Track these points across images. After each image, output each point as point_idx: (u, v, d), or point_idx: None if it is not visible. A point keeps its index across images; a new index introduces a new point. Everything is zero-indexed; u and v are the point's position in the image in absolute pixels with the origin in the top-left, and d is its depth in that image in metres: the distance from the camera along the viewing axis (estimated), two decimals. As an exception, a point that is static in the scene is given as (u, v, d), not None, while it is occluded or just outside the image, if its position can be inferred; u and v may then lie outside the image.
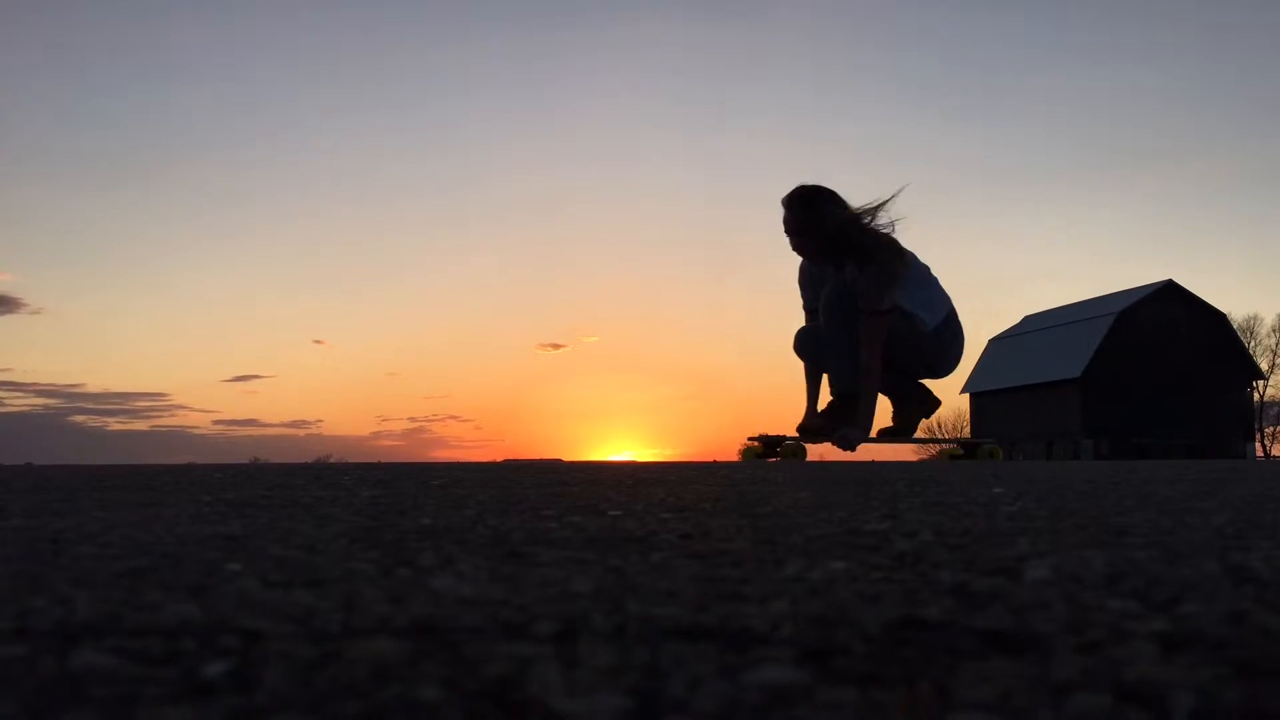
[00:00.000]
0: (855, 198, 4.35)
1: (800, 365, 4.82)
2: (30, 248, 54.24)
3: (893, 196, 4.32)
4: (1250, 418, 36.16)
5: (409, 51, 57.87)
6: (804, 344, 4.75)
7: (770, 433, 5.31)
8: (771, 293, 56.44)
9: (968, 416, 40.70)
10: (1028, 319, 40.19)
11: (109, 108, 55.04)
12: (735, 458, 5.91)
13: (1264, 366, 39.01)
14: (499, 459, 5.47)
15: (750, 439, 5.43)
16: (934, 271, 4.53)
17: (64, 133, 54.89)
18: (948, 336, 4.62)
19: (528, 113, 57.52)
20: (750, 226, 55.32)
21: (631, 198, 58.02)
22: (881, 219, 4.31)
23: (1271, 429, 40.48)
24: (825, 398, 4.75)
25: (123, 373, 54.10)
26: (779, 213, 4.40)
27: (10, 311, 49.41)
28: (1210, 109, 50.99)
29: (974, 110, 53.66)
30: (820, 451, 5.47)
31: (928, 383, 4.90)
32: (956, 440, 5.75)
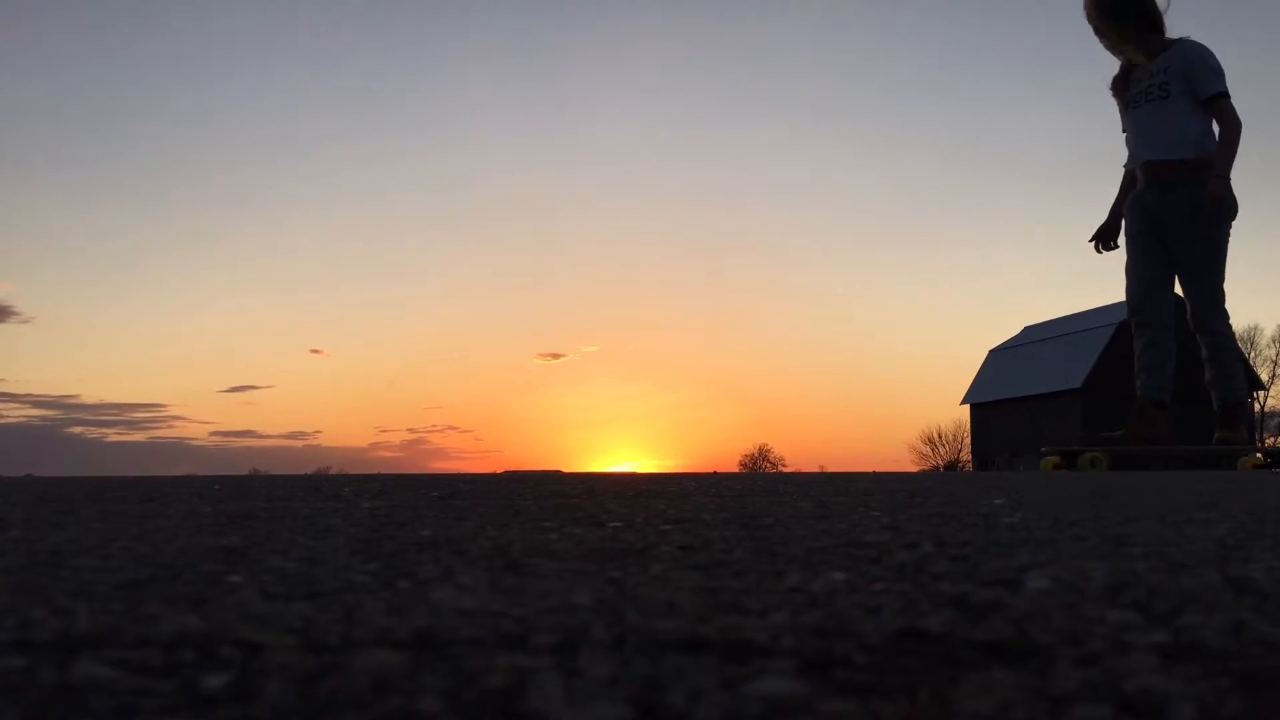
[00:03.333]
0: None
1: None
2: (24, 256, 54.31)
3: None
4: (1251, 428, 36.13)
5: (407, 59, 58.07)
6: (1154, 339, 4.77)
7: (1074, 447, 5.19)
8: (773, 301, 56.45)
9: (968, 428, 40.68)
10: (1028, 329, 40.21)
11: (105, 118, 55.21)
12: (735, 468, 5.92)
13: (1264, 377, 39.00)
14: (499, 470, 5.37)
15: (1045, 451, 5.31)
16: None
17: (59, 142, 55.04)
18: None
19: (526, 120, 57.67)
20: (751, 234, 55.38)
21: (630, 206, 58.11)
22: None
23: (1272, 439, 40.43)
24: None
25: (119, 383, 54.16)
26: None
27: (1, 320, 49.35)
28: (1209, 120, 50.99)
29: (973, 119, 53.81)
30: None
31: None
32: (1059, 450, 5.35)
